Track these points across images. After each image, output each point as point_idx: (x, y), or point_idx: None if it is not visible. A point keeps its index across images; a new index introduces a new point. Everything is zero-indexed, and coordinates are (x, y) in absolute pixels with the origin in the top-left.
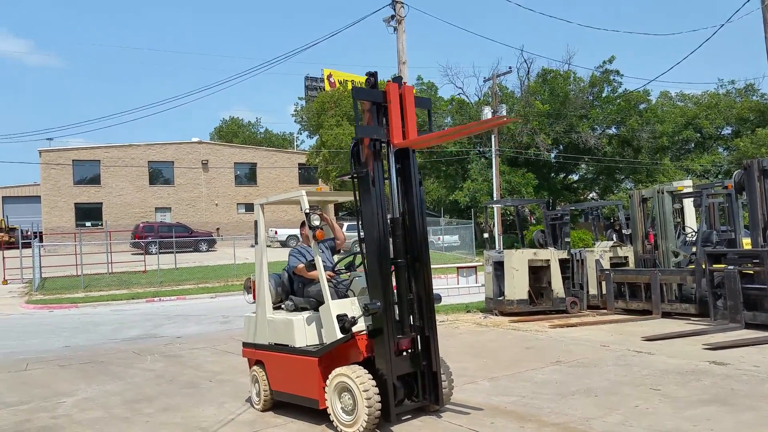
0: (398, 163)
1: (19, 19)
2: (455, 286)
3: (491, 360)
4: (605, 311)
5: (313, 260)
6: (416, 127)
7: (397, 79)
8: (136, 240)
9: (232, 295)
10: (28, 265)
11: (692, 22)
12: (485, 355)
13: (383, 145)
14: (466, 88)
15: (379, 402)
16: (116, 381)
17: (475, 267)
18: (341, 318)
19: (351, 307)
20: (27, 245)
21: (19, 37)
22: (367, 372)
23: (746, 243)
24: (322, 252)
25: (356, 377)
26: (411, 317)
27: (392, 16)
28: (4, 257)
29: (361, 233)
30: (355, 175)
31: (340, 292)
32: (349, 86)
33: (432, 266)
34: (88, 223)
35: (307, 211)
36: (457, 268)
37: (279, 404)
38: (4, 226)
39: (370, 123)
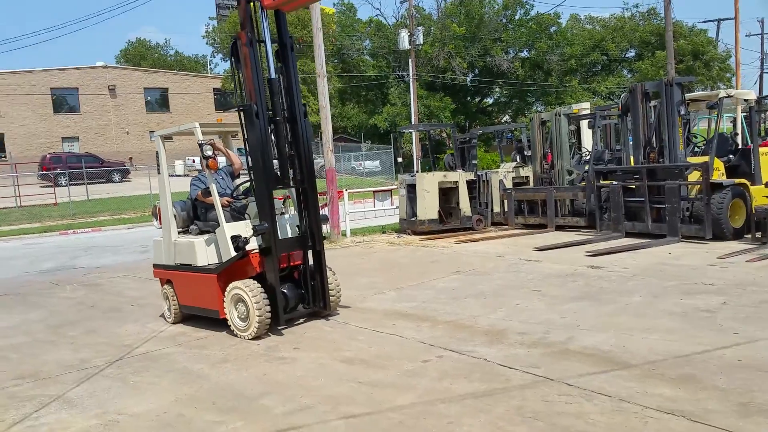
0: (280, 62)
1: None
2: (372, 209)
3: (400, 274)
4: (507, 227)
5: (208, 188)
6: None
7: None
8: (44, 172)
9: (149, 226)
10: None
11: None
12: (395, 270)
13: (257, 11)
14: (383, 9)
15: (269, 309)
16: (37, 310)
17: (391, 190)
18: (235, 239)
19: (245, 229)
20: None
21: None
22: (258, 284)
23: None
24: (222, 179)
25: (248, 289)
26: (292, 171)
27: None
28: None
29: (250, 161)
30: (240, 108)
31: (236, 216)
32: (257, 14)
33: (351, 191)
34: None
35: (201, 141)
36: (373, 191)
37: (188, 317)
38: None
39: None
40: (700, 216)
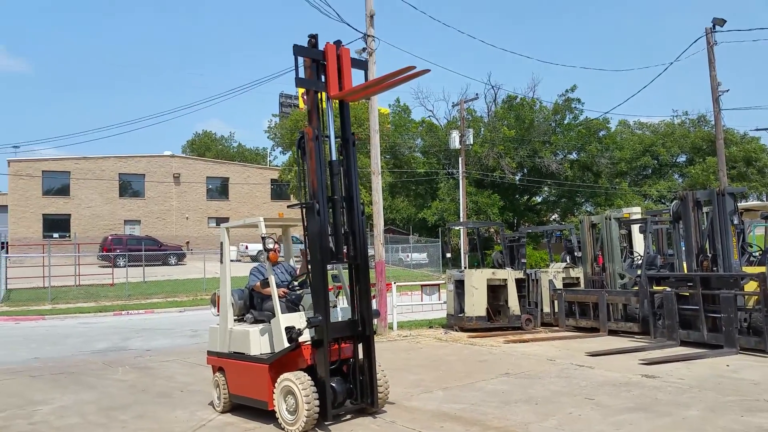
0: (341, 154)
1: None
2: (419, 303)
3: (447, 372)
4: (557, 328)
5: (267, 279)
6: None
7: (337, 42)
8: (104, 252)
9: (200, 309)
10: None
11: (647, 55)
12: (442, 368)
13: (323, 104)
14: (436, 111)
15: (318, 403)
16: (90, 390)
17: (438, 285)
18: (289, 330)
19: (299, 320)
20: None
21: None
22: (308, 377)
23: None
24: (282, 272)
25: (299, 381)
26: (346, 247)
27: (364, 49)
28: None
29: (308, 255)
30: (303, 206)
31: (291, 307)
32: (323, 105)
33: (398, 284)
34: (55, 235)
35: (263, 235)
36: (421, 285)
37: (236, 406)
38: None
39: (311, 78)
40: (759, 328)
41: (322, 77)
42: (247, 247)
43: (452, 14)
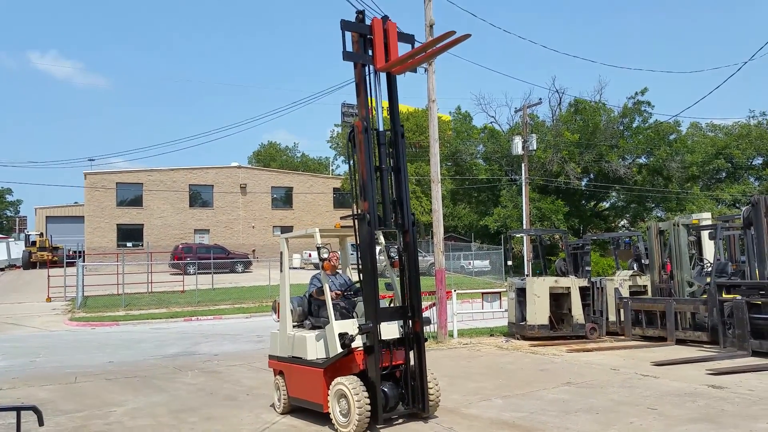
0: (391, 148)
1: (68, 41)
2: (480, 310)
3: (507, 380)
4: (623, 337)
5: (322, 287)
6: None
7: (384, 17)
8: (175, 261)
9: (266, 316)
10: (71, 284)
11: (721, 54)
12: (502, 376)
13: (371, 75)
14: (498, 117)
15: (369, 407)
16: (161, 393)
17: (500, 293)
18: (342, 336)
19: (352, 327)
20: (70, 264)
21: (69, 59)
22: (360, 382)
23: None
24: (340, 281)
25: (350, 385)
26: (393, 215)
27: None
28: (48, 275)
29: (359, 264)
30: (355, 217)
31: (345, 314)
32: (385, 114)
33: (459, 291)
34: (129, 244)
35: (319, 245)
36: (482, 293)
37: (296, 408)
38: (48, 245)
39: (358, 52)
40: None
41: (369, 51)
42: (310, 255)
43: (513, 19)
